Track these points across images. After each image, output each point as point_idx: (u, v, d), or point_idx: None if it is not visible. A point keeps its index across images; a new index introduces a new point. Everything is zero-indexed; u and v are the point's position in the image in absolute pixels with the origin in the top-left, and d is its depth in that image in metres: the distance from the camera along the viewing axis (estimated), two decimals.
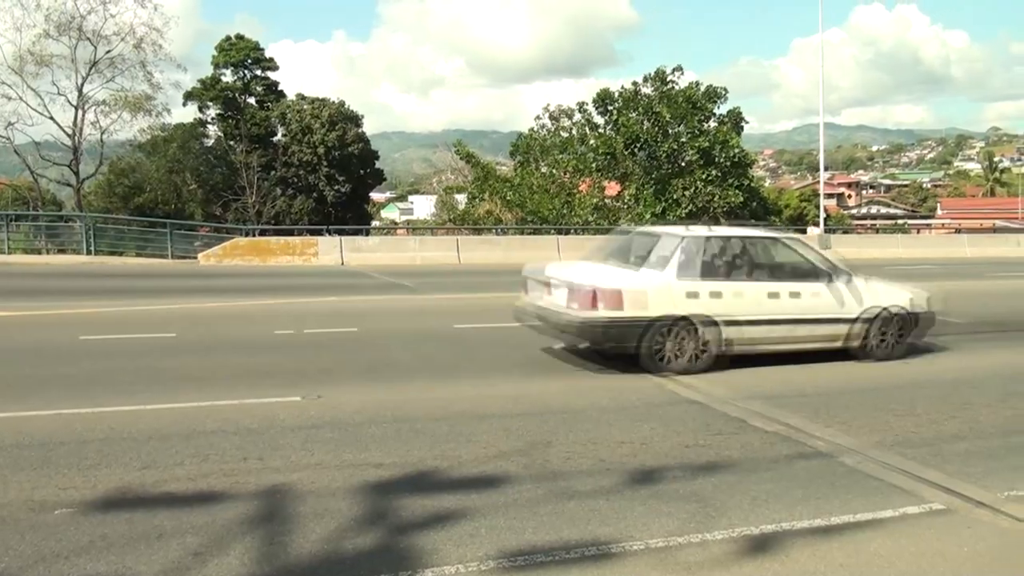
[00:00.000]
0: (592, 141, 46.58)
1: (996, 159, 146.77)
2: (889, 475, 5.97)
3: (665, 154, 43.75)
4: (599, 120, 47.24)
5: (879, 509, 5.28)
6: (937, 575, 4.44)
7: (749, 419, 7.40)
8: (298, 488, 5.39)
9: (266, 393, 7.98)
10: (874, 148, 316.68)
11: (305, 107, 57.15)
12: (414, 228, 55.65)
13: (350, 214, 57.18)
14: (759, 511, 5.16)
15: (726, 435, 6.90)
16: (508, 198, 44.66)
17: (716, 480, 5.73)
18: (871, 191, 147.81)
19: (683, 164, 44.12)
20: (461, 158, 49.69)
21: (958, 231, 53.76)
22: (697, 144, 43.17)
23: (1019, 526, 5.11)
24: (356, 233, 34.71)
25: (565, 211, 43.73)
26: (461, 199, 51.27)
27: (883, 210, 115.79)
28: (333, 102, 58.55)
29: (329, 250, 27.62)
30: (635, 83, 46.26)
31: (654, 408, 7.76)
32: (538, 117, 48.91)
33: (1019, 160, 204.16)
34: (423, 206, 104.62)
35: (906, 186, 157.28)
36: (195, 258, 27.76)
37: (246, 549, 4.46)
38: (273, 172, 55.05)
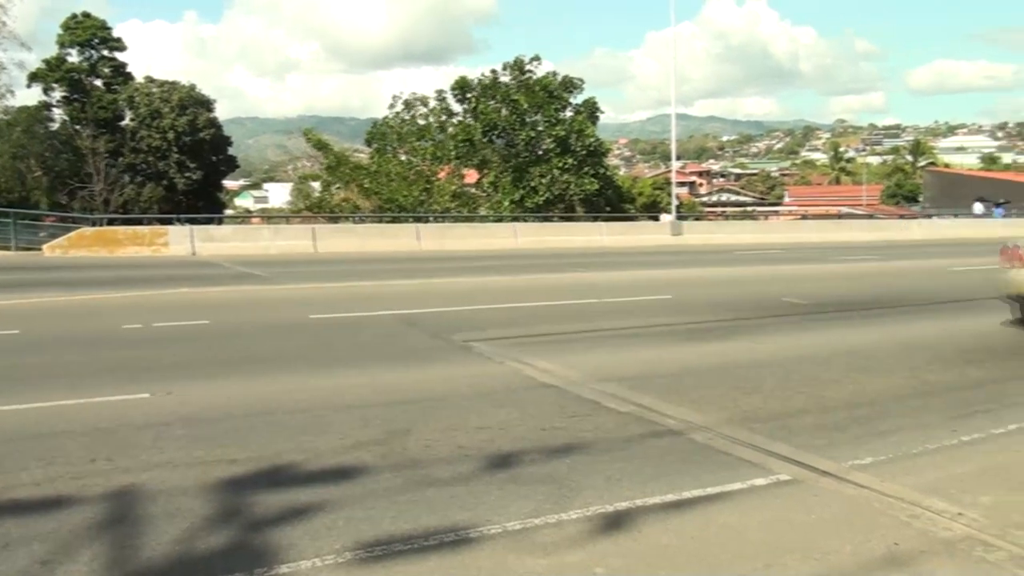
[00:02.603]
0: (450, 129, 46.64)
1: (841, 149, 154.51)
2: (738, 449, 6.17)
3: (523, 142, 44.25)
4: (457, 108, 47.35)
5: (728, 482, 5.44)
6: (785, 542, 4.59)
7: (603, 401, 7.52)
8: (149, 488, 5.19)
9: (114, 391, 7.65)
10: (725, 138, 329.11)
11: (154, 90, 55.11)
12: (269, 217, 54.37)
13: (202, 202, 55.50)
14: (613, 489, 5.25)
15: (580, 417, 6.99)
16: (365, 186, 44.27)
17: (571, 461, 5.80)
18: (722, 179, 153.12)
19: (540, 152, 44.75)
20: (312, 145, 48.92)
21: (804, 218, 56.20)
22: (554, 133, 43.85)
23: (863, 492, 5.35)
24: (208, 222, 33.69)
25: (424, 199, 43.64)
26: (318, 187, 50.52)
27: (733, 198, 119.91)
28: (184, 85, 56.74)
29: (180, 240, 26.77)
30: (494, 71, 46.63)
31: (512, 393, 7.81)
32: (391, 104, 48.59)
33: (863, 150, 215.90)
34: (278, 194, 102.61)
35: (755, 175, 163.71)
36: (40, 249, 26.54)
37: (95, 555, 4.27)
38: (121, 158, 52.90)
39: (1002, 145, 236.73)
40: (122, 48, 57.73)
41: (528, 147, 44.71)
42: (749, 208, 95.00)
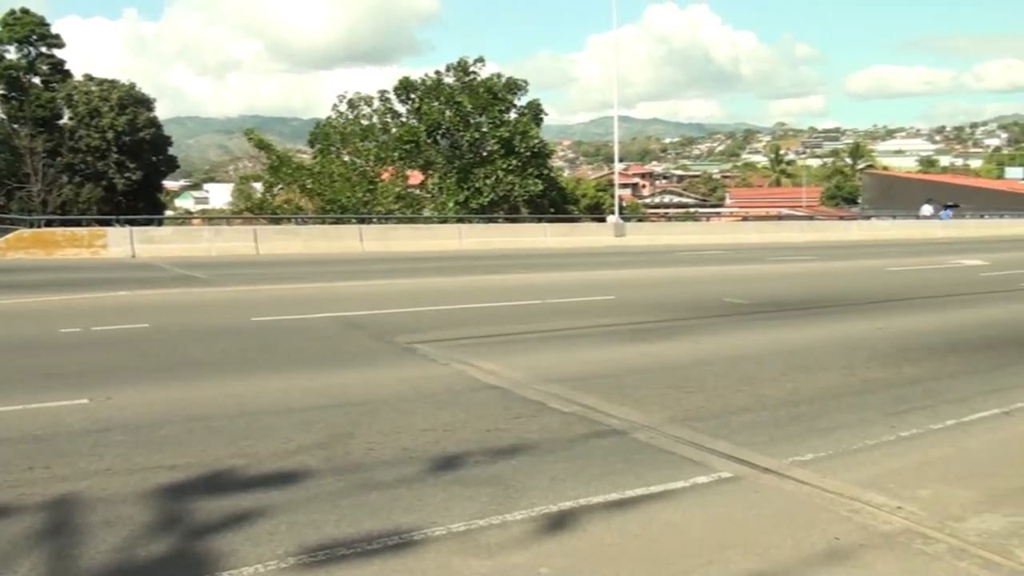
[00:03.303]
0: (394, 129, 46.41)
1: (781, 152, 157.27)
2: (680, 448, 6.24)
3: (467, 143, 44.21)
4: (401, 109, 47.17)
5: (671, 480, 5.50)
6: (727, 538, 4.66)
7: (548, 401, 7.55)
8: (88, 496, 5.09)
9: (52, 396, 7.47)
10: (667, 140, 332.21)
11: (93, 89, 53.92)
12: (210, 218, 53.53)
13: (142, 203, 54.38)
14: (557, 489, 5.28)
15: (525, 418, 7.02)
16: (308, 187, 43.88)
17: (516, 462, 5.82)
18: (664, 181, 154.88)
19: (485, 154, 44.72)
20: (255, 145, 48.29)
21: (745, 219, 56.94)
22: (498, 134, 43.87)
23: (804, 488, 5.45)
24: (148, 223, 33.12)
25: (367, 200, 43.39)
26: (259, 188, 49.90)
27: (675, 199, 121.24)
28: (123, 84, 55.55)
29: (119, 241, 26.25)
30: (437, 72, 46.47)
31: (456, 395, 7.81)
32: (335, 105, 48.20)
33: (803, 153, 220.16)
34: (219, 195, 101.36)
35: (697, 177, 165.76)
36: None
37: (33, 564, 4.18)
38: (59, 158, 51.74)
39: (939, 148, 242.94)
40: (61, 45, 56.49)
41: (472, 148, 44.70)
42: (691, 209, 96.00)
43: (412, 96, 46.20)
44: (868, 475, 5.74)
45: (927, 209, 53.19)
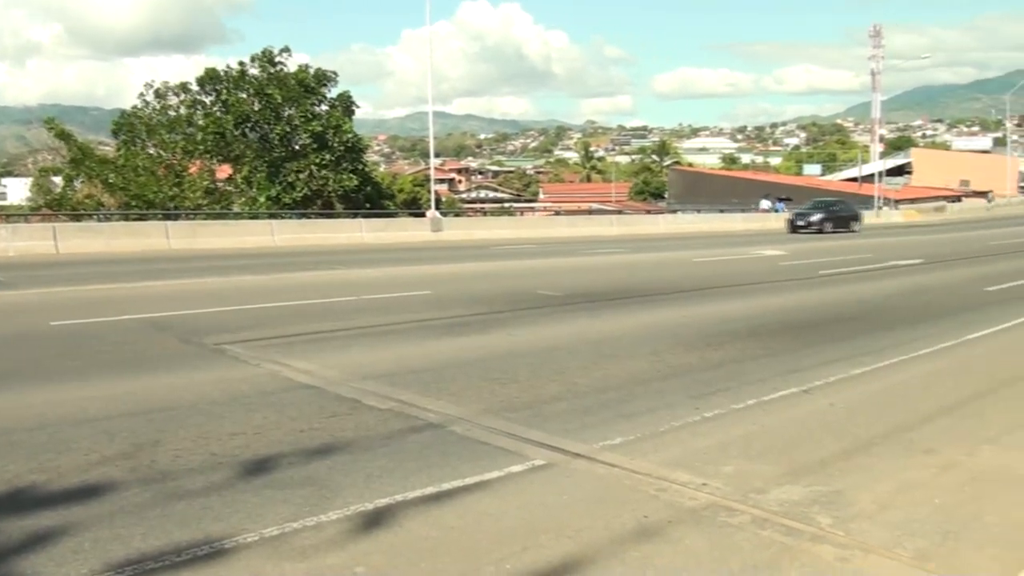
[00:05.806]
0: (201, 121, 44.81)
1: (592, 149, 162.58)
2: (495, 439, 6.33)
3: (278, 137, 43.25)
4: (207, 100, 45.62)
5: (486, 471, 5.57)
6: (541, 523, 4.75)
7: (363, 398, 7.50)
8: None
9: None
10: (482, 136, 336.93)
11: None
12: (7, 215, 50.06)
13: None
14: (374, 487, 5.25)
15: (340, 416, 6.94)
16: (111, 181, 41.81)
17: (331, 462, 5.75)
18: (480, 177, 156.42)
19: (297, 147, 43.87)
20: (55, 136, 45.55)
21: (558, 214, 58.31)
22: (310, 128, 43.10)
23: (614, 471, 5.63)
24: None
25: (174, 194, 41.79)
26: (60, 182, 47.13)
27: (491, 194, 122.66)
28: None
29: None
30: (242, 63, 45.13)
31: (267, 396, 7.63)
32: (141, 94, 46.11)
33: (612, 150, 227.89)
34: (17, 190, 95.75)
35: (511, 172, 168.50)
36: None
37: None
38: None
39: (741, 146, 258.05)
40: None
41: (283, 142, 43.74)
42: (506, 204, 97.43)
43: (219, 87, 44.75)
44: (674, 455, 5.99)
45: (765, 203, 55.99)
